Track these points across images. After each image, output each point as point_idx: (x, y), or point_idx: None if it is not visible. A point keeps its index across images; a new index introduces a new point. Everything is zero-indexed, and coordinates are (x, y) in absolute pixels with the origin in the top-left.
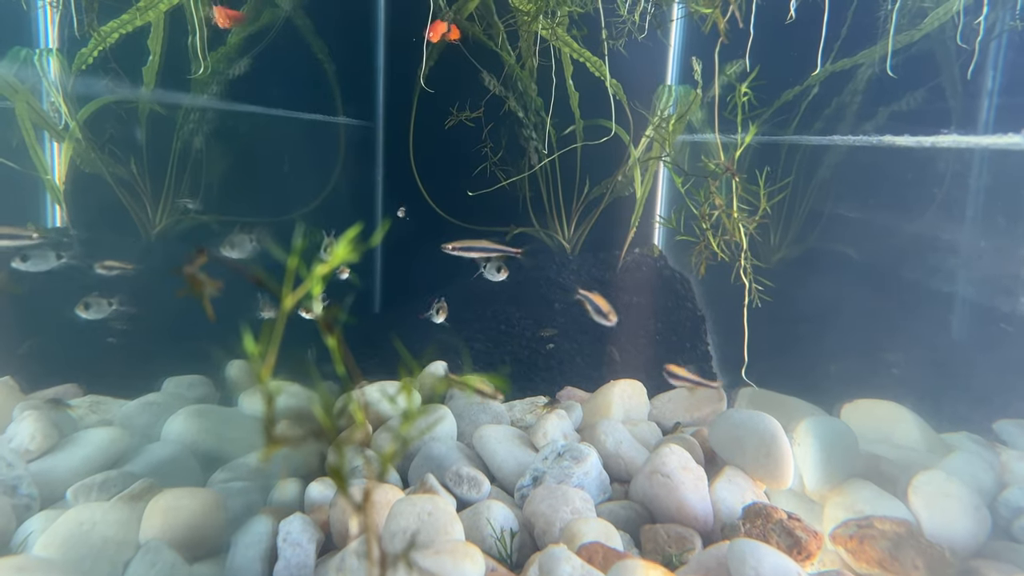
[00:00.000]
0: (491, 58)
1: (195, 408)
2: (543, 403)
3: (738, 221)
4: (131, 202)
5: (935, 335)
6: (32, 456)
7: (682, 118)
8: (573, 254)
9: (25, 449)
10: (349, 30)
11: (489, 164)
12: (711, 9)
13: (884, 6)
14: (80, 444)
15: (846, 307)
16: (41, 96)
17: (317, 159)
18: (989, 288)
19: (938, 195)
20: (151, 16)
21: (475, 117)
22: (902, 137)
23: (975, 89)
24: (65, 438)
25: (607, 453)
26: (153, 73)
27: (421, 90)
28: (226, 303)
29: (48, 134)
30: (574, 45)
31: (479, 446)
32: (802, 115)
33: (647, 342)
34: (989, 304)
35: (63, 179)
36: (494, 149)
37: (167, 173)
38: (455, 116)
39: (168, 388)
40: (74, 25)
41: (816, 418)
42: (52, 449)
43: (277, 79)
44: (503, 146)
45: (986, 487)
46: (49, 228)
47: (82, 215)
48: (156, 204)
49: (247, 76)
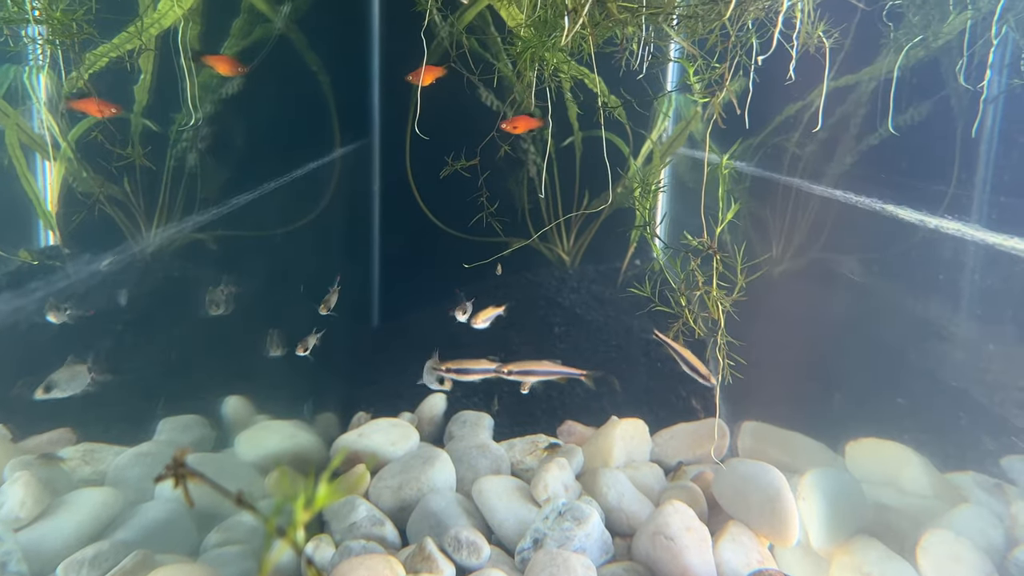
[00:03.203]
0: (488, 68)
1: (189, 460)
2: (544, 444)
3: (717, 299)
4: (125, 220)
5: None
6: (22, 523)
7: (680, 135)
8: (573, 267)
9: (15, 517)
10: (343, 41)
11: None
12: (707, 98)
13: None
14: (72, 509)
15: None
16: (31, 115)
17: (313, 171)
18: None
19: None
20: (144, 40)
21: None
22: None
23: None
24: (57, 499)
25: (609, 507)
26: (145, 91)
27: (418, 100)
28: (223, 337)
29: (39, 155)
30: (572, 63)
31: (479, 501)
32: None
33: (647, 369)
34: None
35: (55, 200)
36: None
37: (161, 190)
38: (451, 165)
39: (163, 433)
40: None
41: (821, 471)
42: (44, 514)
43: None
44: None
45: (996, 544)
46: (41, 248)
47: (75, 235)
48: (150, 222)
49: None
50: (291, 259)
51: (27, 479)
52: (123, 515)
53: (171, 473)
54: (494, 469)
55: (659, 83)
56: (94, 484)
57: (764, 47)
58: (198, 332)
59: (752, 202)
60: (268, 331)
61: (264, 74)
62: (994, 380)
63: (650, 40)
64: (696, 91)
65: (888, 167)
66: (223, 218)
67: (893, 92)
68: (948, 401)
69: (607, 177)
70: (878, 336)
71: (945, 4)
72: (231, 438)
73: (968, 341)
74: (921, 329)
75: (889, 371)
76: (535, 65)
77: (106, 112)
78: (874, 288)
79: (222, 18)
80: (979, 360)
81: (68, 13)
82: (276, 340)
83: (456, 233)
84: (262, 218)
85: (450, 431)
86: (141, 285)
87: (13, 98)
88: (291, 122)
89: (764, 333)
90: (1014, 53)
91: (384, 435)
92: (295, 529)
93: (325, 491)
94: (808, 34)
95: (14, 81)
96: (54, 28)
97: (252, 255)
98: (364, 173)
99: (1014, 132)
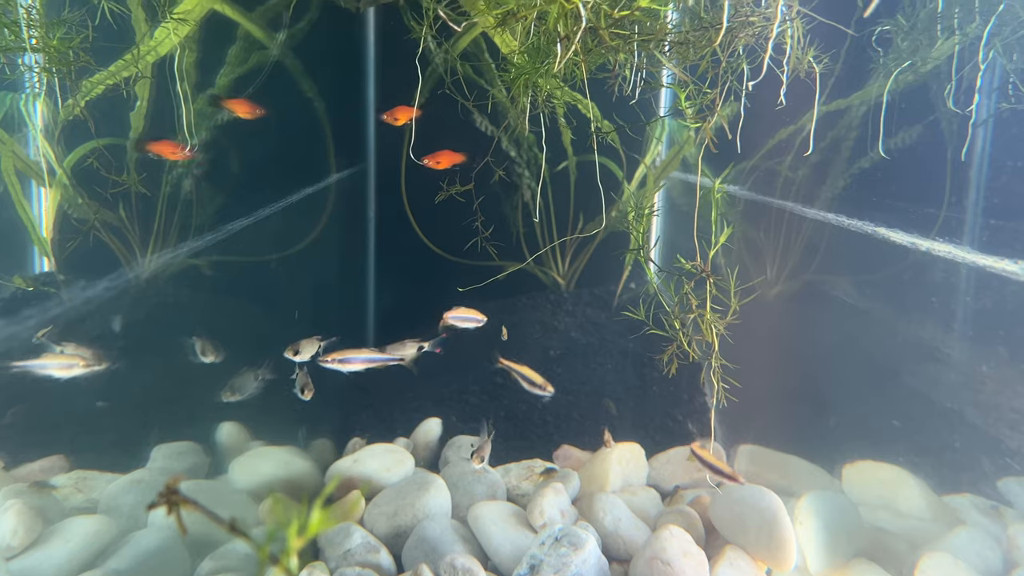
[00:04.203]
0: (482, 94)
1: (182, 488)
2: (540, 469)
3: (711, 322)
4: (120, 246)
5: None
6: (14, 552)
7: (674, 160)
8: (568, 290)
9: (8, 545)
10: (339, 67)
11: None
12: (699, 123)
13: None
14: (64, 537)
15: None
16: (27, 142)
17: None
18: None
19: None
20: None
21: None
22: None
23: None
24: (49, 528)
25: (606, 532)
26: (141, 118)
27: (413, 126)
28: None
29: (35, 181)
30: (565, 89)
31: (475, 527)
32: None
33: (643, 393)
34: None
35: (50, 226)
36: (486, 185)
37: (157, 216)
38: (446, 191)
39: (156, 460)
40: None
41: (818, 494)
42: (36, 542)
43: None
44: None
45: (994, 567)
46: (36, 274)
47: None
48: (145, 248)
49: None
50: (286, 284)
51: (19, 507)
52: (116, 544)
53: (164, 500)
54: (490, 495)
55: (652, 108)
56: (87, 512)
57: (755, 72)
58: (192, 358)
59: (746, 225)
60: (263, 357)
61: (259, 101)
62: (987, 401)
63: (642, 66)
64: (688, 116)
65: (880, 190)
66: (218, 244)
67: (883, 116)
68: (943, 423)
69: (601, 201)
70: (873, 358)
71: (933, 30)
72: (225, 465)
73: (961, 362)
74: (915, 351)
75: (884, 393)
76: (529, 91)
77: (179, 155)
78: (868, 310)
79: (218, 45)
80: (972, 381)
81: (65, 41)
82: (267, 368)
83: (452, 257)
84: (257, 243)
85: (446, 456)
86: (135, 311)
87: (9, 125)
88: (287, 148)
89: (759, 356)
90: (1002, 77)
91: (379, 461)
92: (289, 556)
93: (319, 518)
94: (798, 59)
95: (10, 108)
96: (51, 56)
97: (247, 280)
98: (360, 198)
99: (1003, 155)
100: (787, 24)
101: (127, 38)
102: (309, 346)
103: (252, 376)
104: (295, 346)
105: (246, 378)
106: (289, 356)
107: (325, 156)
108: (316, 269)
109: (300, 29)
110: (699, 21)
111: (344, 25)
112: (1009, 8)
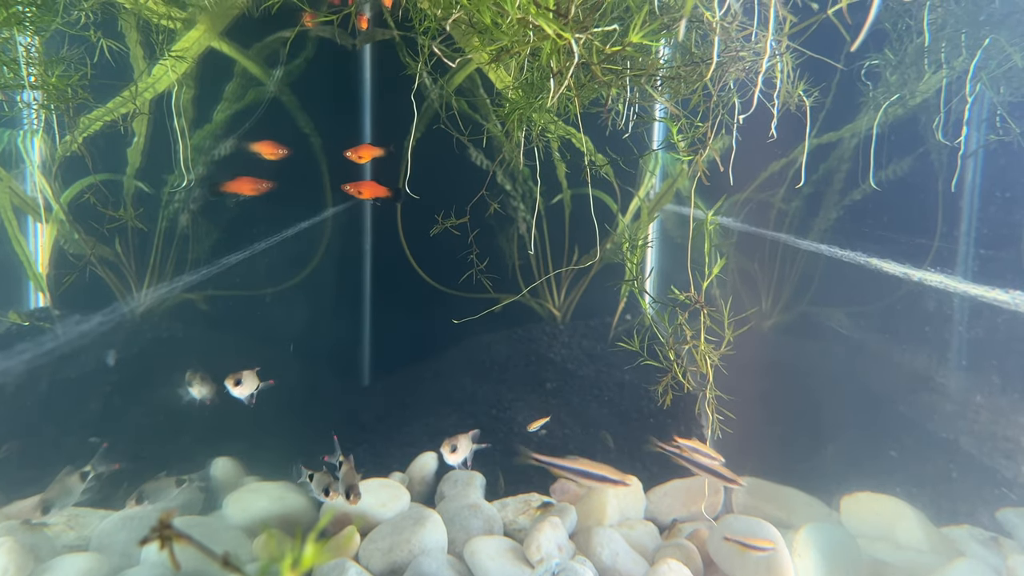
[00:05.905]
0: (477, 129)
1: (176, 524)
2: (537, 503)
3: (705, 353)
4: (116, 281)
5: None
6: None
7: (667, 193)
8: (564, 322)
9: None
10: (335, 103)
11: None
12: (691, 156)
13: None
14: (55, 575)
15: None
16: (24, 178)
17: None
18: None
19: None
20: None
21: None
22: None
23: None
24: (41, 566)
25: (603, 567)
26: (138, 153)
27: (408, 160)
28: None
29: (31, 217)
30: (559, 123)
31: (471, 562)
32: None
33: (640, 425)
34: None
35: (46, 262)
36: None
37: (153, 251)
38: (441, 223)
39: (149, 496)
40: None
41: (816, 527)
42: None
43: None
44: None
45: None
46: (31, 309)
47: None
48: (141, 283)
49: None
50: (282, 318)
51: (10, 545)
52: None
53: (157, 535)
54: (486, 529)
55: (645, 142)
56: (78, 550)
57: (746, 106)
58: (185, 391)
59: (740, 257)
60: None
61: (256, 136)
62: (983, 430)
63: (635, 101)
64: (681, 149)
65: (872, 221)
66: (214, 278)
67: (873, 148)
68: (939, 453)
69: (596, 233)
70: (868, 388)
71: (920, 64)
72: (220, 500)
73: (956, 392)
74: (909, 380)
75: (880, 423)
76: (523, 125)
77: (278, 154)
78: (862, 341)
79: (216, 82)
80: (967, 411)
81: (63, 78)
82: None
83: (447, 290)
84: (253, 278)
85: (441, 491)
86: (130, 345)
87: (7, 161)
88: (283, 182)
89: (755, 387)
90: (990, 109)
91: (374, 496)
92: None
93: (312, 552)
94: (788, 93)
95: (8, 144)
96: (49, 93)
97: (242, 314)
98: (355, 232)
99: (992, 186)
100: (776, 59)
101: (125, 75)
102: (251, 379)
103: (172, 482)
104: (236, 376)
105: (164, 483)
106: (228, 386)
107: (321, 190)
108: (312, 302)
109: (297, 66)
110: (690, 56)
111: (340, 61)
112: (995, 42)
